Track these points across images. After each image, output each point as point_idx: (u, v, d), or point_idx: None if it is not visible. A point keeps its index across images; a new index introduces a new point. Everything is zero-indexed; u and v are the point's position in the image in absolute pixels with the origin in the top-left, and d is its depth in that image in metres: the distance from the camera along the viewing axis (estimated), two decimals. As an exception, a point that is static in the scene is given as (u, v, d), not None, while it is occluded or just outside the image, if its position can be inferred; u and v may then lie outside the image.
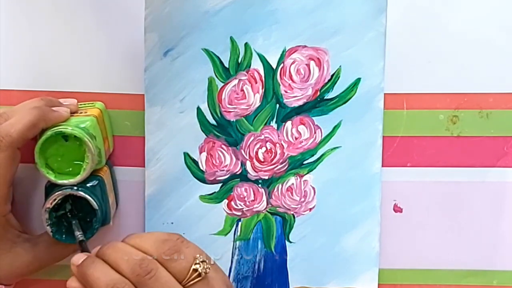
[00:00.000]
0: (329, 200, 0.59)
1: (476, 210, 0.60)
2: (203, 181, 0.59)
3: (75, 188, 0.53)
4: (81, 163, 0.53)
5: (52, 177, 0.53)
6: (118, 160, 0.60)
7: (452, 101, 0.59)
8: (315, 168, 0.59)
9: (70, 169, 0.53)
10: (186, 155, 0.58)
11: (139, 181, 0.59)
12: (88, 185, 0.54)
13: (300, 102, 0.58)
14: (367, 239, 0.59)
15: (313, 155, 0.59)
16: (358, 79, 0.57)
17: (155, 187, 0.58)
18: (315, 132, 0.58)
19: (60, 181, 0.53)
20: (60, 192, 0.53)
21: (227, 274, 0.59)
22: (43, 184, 0.55)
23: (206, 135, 0.58)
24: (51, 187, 0.54)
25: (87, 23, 0.58)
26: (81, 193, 0.53)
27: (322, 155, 0.59)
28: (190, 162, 0.58)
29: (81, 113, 0.56)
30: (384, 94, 0.58)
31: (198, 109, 0.58)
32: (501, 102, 0.59)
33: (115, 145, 0.59)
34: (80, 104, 0.58)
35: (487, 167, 0.59)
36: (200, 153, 0.58)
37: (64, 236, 0.54)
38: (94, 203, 0.53)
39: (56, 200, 0.53)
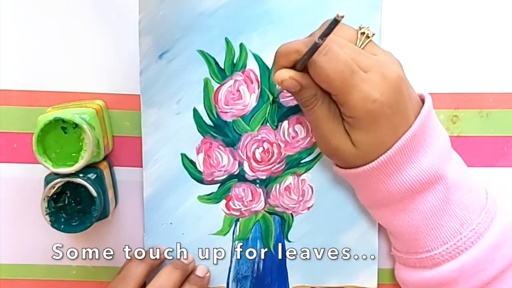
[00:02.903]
0: (327, 198, 0.59)
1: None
2: (201, 181, 0.59)
3: (74, 175, 0.53)
4: (79, 154, 0.53)
5: (49, 165, 0.53)
6: (118, 160, 0.60)
7: (452, 101, 0.58)
8: (312, 167, 0.58)
9: (68, 161, 0.53)
10: (184, 156, 0.58)
11: (139, 181, 0.59)
12: (87, 175, 0.55)
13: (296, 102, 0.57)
14: (366, 236, 0.59)
15: (310, 154, 0.58)
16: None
17: (154, 188, 0.58)
18: (311, 131, 0.58)
19: (57, 169, 0.53)
20: (59, 179, 0.53)
21: (227, 274, 0.59)
22: (42, 185, 0.55)
23: (203, 136, 0.58)
24: (50, 179, 0.54)
25: (87, 22, 0.58)
26: (80, 180, 0.53)
27: (319, 154, 0.58)
28: (188, 163, 0.58)
29: (81, 107, 0.56)
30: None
31: (195, 110, 0.57)
32: (501, 102, 0.58)
33: (115, 145, 0.60)
34: (81, 102, 0.58)
35: (487, 167, 0.58)
36: (198, 154, 0.58)
37: (62, 226, 0.54)
38: (93, 190, 0.53)
39: (55, 188, 0.53)
